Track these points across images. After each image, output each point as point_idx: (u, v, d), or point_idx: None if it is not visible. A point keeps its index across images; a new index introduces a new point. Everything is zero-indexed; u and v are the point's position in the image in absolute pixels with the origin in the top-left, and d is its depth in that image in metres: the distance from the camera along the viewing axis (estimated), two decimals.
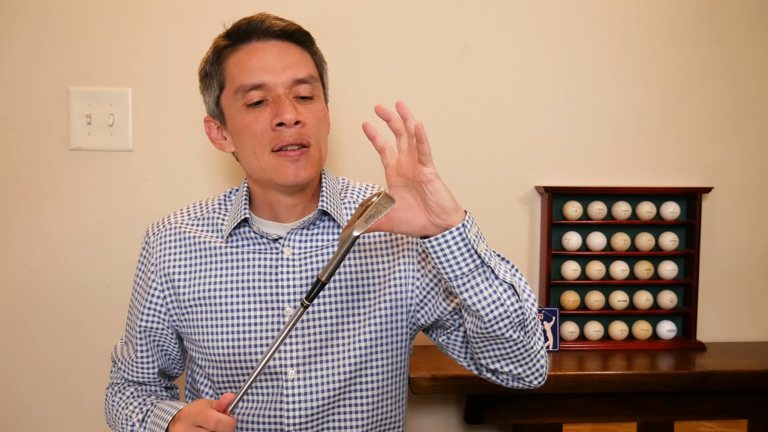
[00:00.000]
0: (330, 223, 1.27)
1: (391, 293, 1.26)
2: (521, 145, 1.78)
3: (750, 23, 1.80)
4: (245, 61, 1.19)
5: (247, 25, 1.21)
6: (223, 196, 1.34)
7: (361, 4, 1.72)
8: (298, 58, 1.21)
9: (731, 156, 1.83)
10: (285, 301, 1.23)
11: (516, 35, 1.76)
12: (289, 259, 1.24)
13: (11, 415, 1.72)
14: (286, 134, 1.17)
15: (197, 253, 1.28)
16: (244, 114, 1.19)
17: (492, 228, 1.78)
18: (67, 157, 1.69)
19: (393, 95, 1.73)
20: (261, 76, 1.18)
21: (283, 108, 1.17)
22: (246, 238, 1.26)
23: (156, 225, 1.33)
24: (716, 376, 1.61)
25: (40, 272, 1.70)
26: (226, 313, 1.24)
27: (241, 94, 1.19)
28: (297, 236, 1.25)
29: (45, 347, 1.71)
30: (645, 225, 1.80)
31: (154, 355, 1.33)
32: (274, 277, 1.24)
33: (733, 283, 1.85)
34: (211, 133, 1.29)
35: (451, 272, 1.07)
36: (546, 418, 1.65)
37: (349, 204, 1.30)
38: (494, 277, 1.08)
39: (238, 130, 1.20)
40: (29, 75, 1.66)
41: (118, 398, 1.34)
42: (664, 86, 1.80)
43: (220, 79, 1.23)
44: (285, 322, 1.22)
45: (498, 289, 1.09)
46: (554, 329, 1.74)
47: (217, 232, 1.29)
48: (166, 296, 1.29)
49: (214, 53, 1.24)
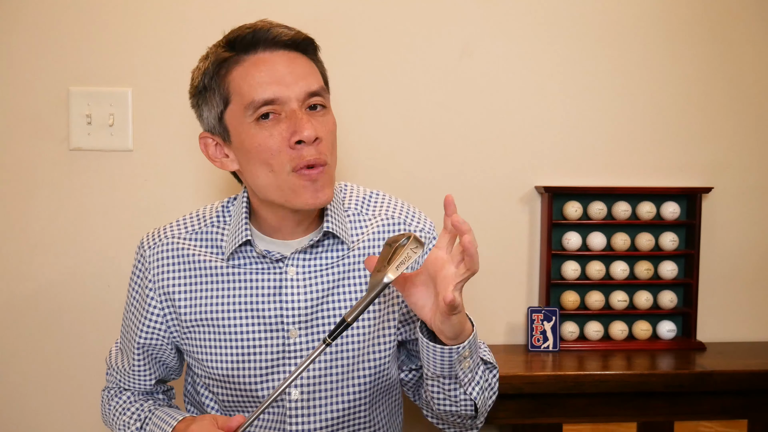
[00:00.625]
0: (334, 240, 1.23)
1: (395, 312, 1.25)
2: (521, 145, 1.78)
3: (750, 23, 1.80)
4: (254, 74, 1.12)
5: (253, 34, 1.13)
6: (221, 208, 1.28)
7: (361, 4, 1.72)
8: (308, 69, 1.16)
9: (731, 156, 1.83)
10: (289, 323, 1.20)
11: (516, 35, 1.76)
12: (293, 279, 1.20)
13: (11, 415, 1.72)
14: (306, 152, 1.11)
15: (197, 272, 1.23)
16: (256, 131, 1.12)
17: (492, 228, 1.78)
18: (67, 157, 1.69)
19: (393, 95, 1.74)
20: (273, 89, 1.11)
21: (301, 124, 1.11)
22: (247, 257, 1.22)
23: (151, 238, 1.27)
24: (716, 376, 1.61)
25: (40, 272, 1.70)
26: (229, 335, 1.21)
27: (252, 110, 1.11)
28: (301, 255, 1.21)
29: (45, 347, 1.71)
30: (645, 225, 1.80)
31: (152, 368, 1.31)
32: (277, 298, 1.20)
33: (733, 283, 1.85)
34: (209, 150, 1.21)
35: (425, 364, 1.12)
36: (546, 418, 1.65)
37: (353, 217, 1.26)
38: (462, 390, 1.13)
39: (249, 147, 1.13)
40: (29, 75, 1.66)
41: (114, 402, 1.32)
42: (664, 86, 1.80)
43: (224, 93, 1.14)
44: (289, 344, 1.20)
45: (460, 397, 1.15)
46: (554, 329, 1.74)
47: (216, 248, 1.24)
48: (166, 314, 1.25)
49: (215, 65, 1.15)
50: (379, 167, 1.75)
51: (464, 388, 1.13)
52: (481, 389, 1.16)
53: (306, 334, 1.20)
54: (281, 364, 1.20)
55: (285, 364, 1.20)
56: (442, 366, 1.10)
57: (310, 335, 1.20)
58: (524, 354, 1.73)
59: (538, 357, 1.70)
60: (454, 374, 1.11)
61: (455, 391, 1.14)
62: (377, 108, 1.74)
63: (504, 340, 1.81)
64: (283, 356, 1.20)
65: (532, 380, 1.58)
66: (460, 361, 1.09)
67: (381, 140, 1.74)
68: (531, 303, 1.81)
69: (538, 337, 1.74)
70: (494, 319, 1.80)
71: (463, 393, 1.14)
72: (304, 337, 1.20)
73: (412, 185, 1.75)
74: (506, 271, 1.80)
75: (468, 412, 1.17)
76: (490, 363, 1.23)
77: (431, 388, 1.16)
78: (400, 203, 1.31)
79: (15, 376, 1.72)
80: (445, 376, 1.11)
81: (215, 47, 1.17)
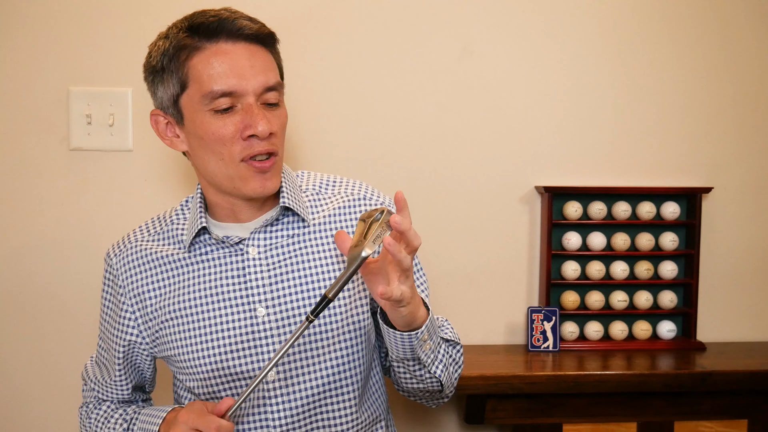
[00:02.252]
0: (293, 217, 1.24)
1: (366, 290, 1.25)
2: (521, 145, 1.78)
3: (750, 23, 1.80)
4: (214, 64, 1.13)
5: (218, 23, 1.13)
6: (180, 207, 1.30)
7: (361, 4, 1.71)
8: (267, 63, 1.17)
9: (731, 156, 1.83)
10: (256, 301, 1.20)
11: (516, 35, 1.76)
12: (255, 259, 1.22)
13: (12, 416, 1.72)
14: (257, 145, 1.14)
15: (161, 267, 1.25)
16: (210, 119, 1.14)
17: (492, 228, 1.78)
18: (67, 157, 1.69)
19: (392, 95, 1.74)
20: (231, 81, 1.13)
21: (255, 119, 1.13)
22: (208, 244, 1.24)
23: (116, 246, 1.30)
24: (716, 376, 1.61)
25: (39, 272, 1.70)
26: (199, 322, 1.22)
27: (209, 100, 1.13)
28: (260, 234, 1.23)
29: (44, 347, 1.71)
30: (645, 225, 1.80)
31: (130, 376, 1.31)
32: (242, 279, 1.21)
33: (733, 283, 1.85)
34: (159, 127, 1.22)
35: (389, 348, 1.15)
36: (546, 418, 1.65)
37: (311, 196, 1.27)
38: (426, 370, 1.17)
39: (202, 135, 1.15)
40: (29, 75, 1.66)
41: (95, 414, 1.32)
42: (664, 86, 1.80)
43: (182, 78, 1.15)
44: (258, 323, 1.20)
45: (425, 376, 1.19)
46: (554, 329, 1.74)
47: (177, 243, 1.26)
48: (138, 317, 1.26)
49: (176, 49, 1.15)
50: (378, 167, 1.75)
51: (428, 368, 1.17)
52: (444, 366, 1.19)
53: (274, 312, 1.20)
54: (253, 345, 1.20)
55: (257, 345, 1.20)
56: (404, 350, 1.13)
57: (278, 312, 1.20)
58: (524, 354, 1.73)
59: (538, 357, 1.70)
60: (416, 356, 1.14)
61: (420, 371, 1.18)
62: (377, 108, 1.74)
63: (504, 340, 1.81)
64: (254, 336, 1.20)
65: (532, 380, 1.58)
66: (420, 345, 1.13)
67: (380, 140, 1.74)
68: (531, 303, 1.81)
69: (538, 337, 1.74)
70: (494, 319, 1.81)
71: (427, 372, 1.18)
72: (273, 315, 1.20)
73: (411, 185, 1.75)
74: (506, 271, 1.80)
75: (435, 387, 1.22)
76: (452, 340, 1.26)
77: (397, 369, 1.20)
78: (359, 183, 1.32)
79: (14, 376, 1.72)
80: (408, 358, 1.15)
81: (177, 29, 1.16)
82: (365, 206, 1.28)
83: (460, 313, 1.77)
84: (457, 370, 1.27)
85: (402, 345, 1.12)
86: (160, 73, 1.18)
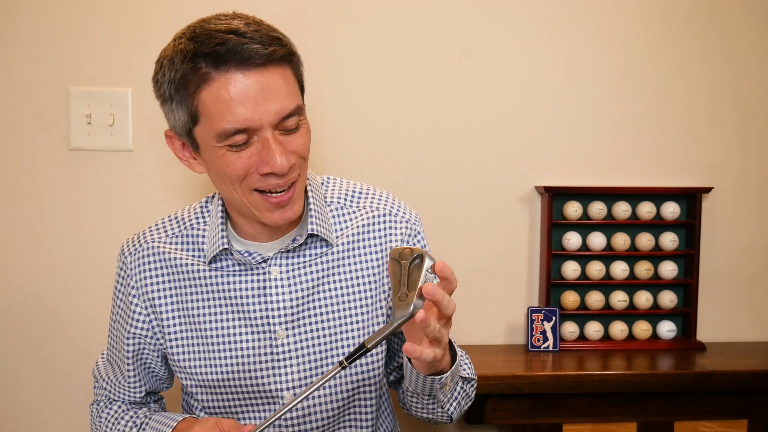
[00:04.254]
0: (317, 238, 1.21)
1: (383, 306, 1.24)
2: (521, 145, 1.78)
3: (750, 23, 1.80)
4: (225, 98, 1.03)
5: (226, 51, 1.02)
6: (200, 208, 1.26)
7: (361, 4, 1.71)
8: (283, 88, 1.06)
9: (731, 156, 1.83)
10: (276, 323, 1.18)
11: (516, 35, 1.76)
12: (277, 279, 1.19)
13: (12, 416, 1.72)
14: (273, 180, 1.08)
15: (179, 275, 1.21)
16: (225, 153, 1.07)
17: (492, 228, 1.78)
18: (67, 157, 1.69)
19: (393, 95, 1.74)
20: (244, 116, 1.03)
21: (272, 156, 1.05)
22: (229, 259, 1.20)
23: (131, 243, 1.25)
24: (716, 376, 1.61)
25: (40, 272, 1.70)
26: (215, 338, 1.19)
27: (222, 138, 1.05)
28: (284, 253, 1.20)
29: (45, 347, 1.71)
30: (645, 225, 1.80)
31: (143, 378, 1.29)
32: (262, 299, 1.19)
33: (733, 283, 1.85)
34: (174, 146, 1.16)
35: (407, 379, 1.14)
36: (546, 418, 1.65)
37: (335, 211, 1.24)
38: (440, 407, 1.17)
39: (217, 168, 1.09)
40: (29, 75, 1.66)
41: (106, 413, 1.30)
42: (664, 86, 1.80)
43: (193, 110, 1.07)
44: (277, 345, 1.19)
45: (437, 411, 1.19)
46: (554, 329, 1.74)
47: (198, 251, 1.22)
48: (151, 320, 1.23)
49: (182, 79, 1.05)
50: (378, 168, 1.75)
51: (443, 406, 1.17)
52: (458, 403, 1.19)
53: (293, 333, 1.19)
54: (270, 366, 1.19)
55: (274, 366, 1.19)
56: (423, 387, 1.11)
57: (297, 334, 1.19)
58: (524, 354, 1.73)
59: (538, 357, 1.70)
60: (434, 395, 1.13)
61: (433, 406, 1.17)
62: (377, 108, 1.74)
63: (504, 340, 1.81)
64: (272, 357, 1.19)
65: (532, 380, 1.58)
66: (440, 387, 1.11)
67: (381, 140, 1.74)
68: (531, 303, 1.81)
69: (538, 337, 1.74)
70: (494, 319, 1.81)
71: (440, 408, 1.17)
72: (292, 337, 1.19)
73: (412, 185, 1.75)
74: (506, 271, 1.80)
75: (444, 421, 1.22)
76: (469, 378, 1.25)
77: (410, 398, 1.19)
78: (384, 195, 1.29)
79: (15, 376, 1.72)
80: (426, 395, 1.14)
81: (182, 55, 1.05)
82: (390, 222, 1.25)
83: (460, 313, 1.77)
84: (468, 403, 1.26)
85: (422, 385, 1.10)
86: (168, 102, 1.10)
